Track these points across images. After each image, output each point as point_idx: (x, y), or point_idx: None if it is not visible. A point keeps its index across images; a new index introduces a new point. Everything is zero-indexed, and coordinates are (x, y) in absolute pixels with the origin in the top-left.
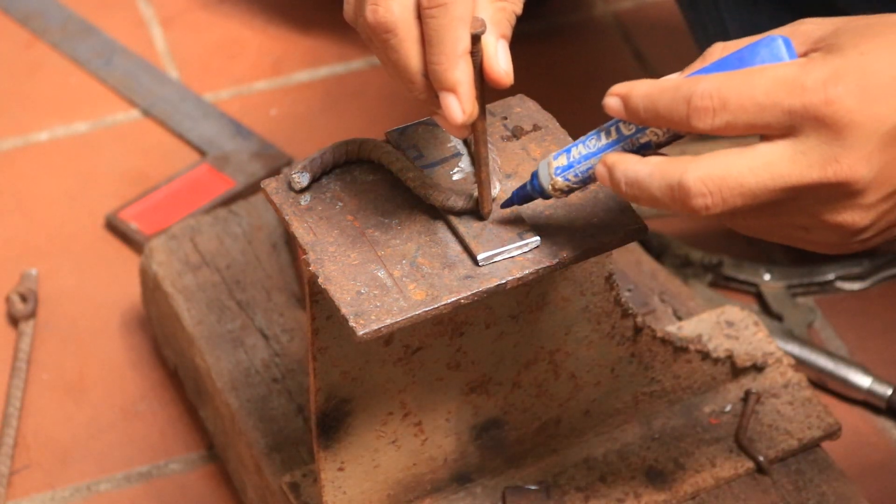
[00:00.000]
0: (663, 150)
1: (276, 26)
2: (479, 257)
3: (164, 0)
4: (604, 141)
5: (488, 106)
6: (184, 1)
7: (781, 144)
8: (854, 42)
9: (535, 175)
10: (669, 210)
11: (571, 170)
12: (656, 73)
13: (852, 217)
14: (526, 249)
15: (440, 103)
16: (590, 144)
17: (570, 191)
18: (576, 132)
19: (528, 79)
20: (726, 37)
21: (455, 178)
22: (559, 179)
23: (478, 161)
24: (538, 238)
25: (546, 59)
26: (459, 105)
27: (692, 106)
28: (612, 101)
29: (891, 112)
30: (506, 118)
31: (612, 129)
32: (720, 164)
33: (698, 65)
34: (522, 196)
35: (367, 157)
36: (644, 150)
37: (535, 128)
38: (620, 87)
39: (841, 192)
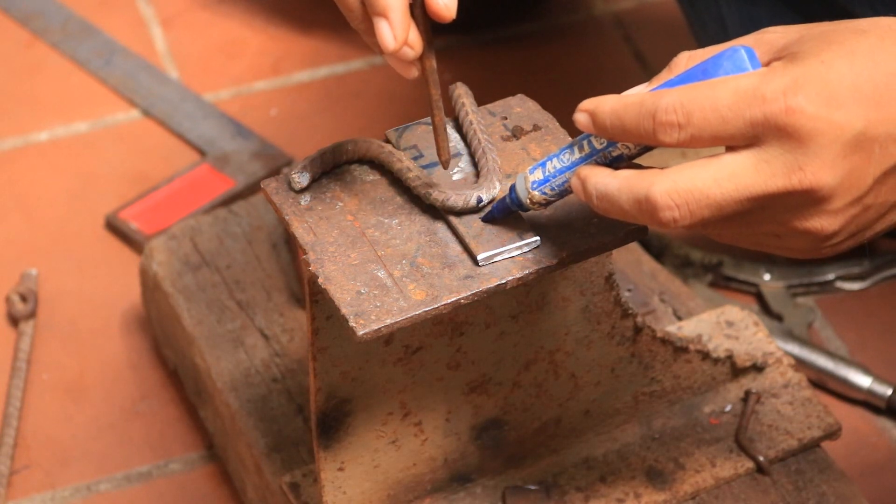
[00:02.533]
0: (638, 161)
1: (276, 26)
2: (479, 257)
3: (164, 0)
4: (577, 155)
5: (488, 106)
6: (184, 1)
7: (745, 154)
8: (815, 50)
9: (512, 189)
10: (640, 223)
11: (547, 184)
12: (656, 73)
13: (820, 223)
14: (526, 249)
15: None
16: (564, 158)
17: (548, 203)
18: (575, 132)
19: (529, 79)
20: (725, 32)
21: (455, 178)
22: (536, 193)
23: (429, 104)
24: (538, 238)
25: (546, 59)
26: (391, 31)
27: (657, 121)
28: (580, 116)
29: (852, 119)
30: (506, 118)
31: (585, 143)
32: (685, 176)
33: (664, 76)
34: (502, 209)
35: (367, 157)
36: (617, 162)
37: (535, 128)
38: (588, 103)
39: (807, 200)
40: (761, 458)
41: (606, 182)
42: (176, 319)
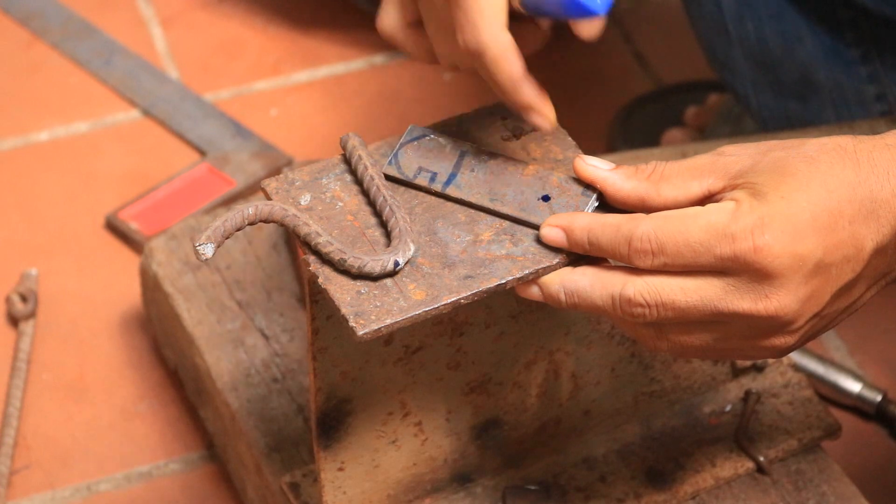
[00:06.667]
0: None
1: (276, 26)
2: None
3: (164, 0)
4: None
5: (488, 106)
6: (184, 1)
7: (714, 277)
8: (774, 185)
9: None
10: (609, 316)
11: None
12: (656, 73)
13: (783, 340)
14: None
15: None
16: None
17: None
18: (576, 132)
19: None
20: (720, 9)
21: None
22: None
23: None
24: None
25: (545, 58)
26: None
27: (632, 247)
28: (552, 232)
29: (812, 250)
30: (505, 118)
31: None
32: (657, 279)
33: (632, 171)
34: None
35: (271, 221)
36: None
37: (536, 128)
38: (560, 219)
39: (772, 324)
40: (761, 458)
41: (575, 279)
42: (176, 319)
